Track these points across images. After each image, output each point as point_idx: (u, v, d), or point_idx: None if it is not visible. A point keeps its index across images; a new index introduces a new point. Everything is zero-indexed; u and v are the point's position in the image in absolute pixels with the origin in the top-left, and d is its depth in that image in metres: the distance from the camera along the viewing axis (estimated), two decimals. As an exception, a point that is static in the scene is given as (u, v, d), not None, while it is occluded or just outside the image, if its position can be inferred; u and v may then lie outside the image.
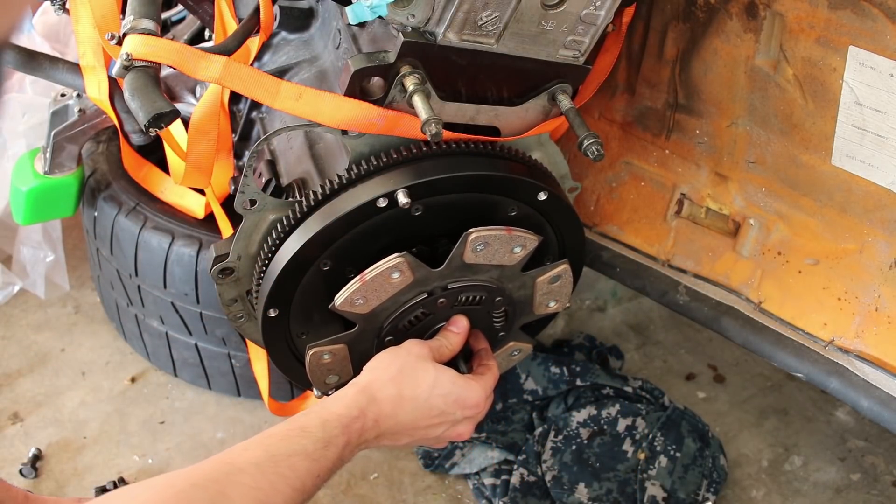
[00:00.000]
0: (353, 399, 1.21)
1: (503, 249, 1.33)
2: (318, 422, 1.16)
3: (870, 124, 1.29)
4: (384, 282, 1.28)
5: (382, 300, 1.31)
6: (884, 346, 1.41)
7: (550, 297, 1.46)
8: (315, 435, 1.13)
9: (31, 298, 2.10)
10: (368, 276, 1.27)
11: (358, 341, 1.36)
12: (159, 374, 1.95)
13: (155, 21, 1.30)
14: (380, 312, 1.33)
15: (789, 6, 1.30)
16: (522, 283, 1.42)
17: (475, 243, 1.29)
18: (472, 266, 1.33)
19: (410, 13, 1.19)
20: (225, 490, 1.01)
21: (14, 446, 1.80)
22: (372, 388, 1.23)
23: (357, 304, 1.30)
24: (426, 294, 1.34)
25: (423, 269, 1.30)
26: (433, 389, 1.26)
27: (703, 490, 1.74)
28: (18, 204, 1.80)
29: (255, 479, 1.04)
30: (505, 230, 1.31)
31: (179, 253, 1.69)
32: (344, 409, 1.19)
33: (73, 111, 1.73)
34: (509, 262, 1.35)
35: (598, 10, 1.25)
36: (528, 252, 1.35)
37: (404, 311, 1.35)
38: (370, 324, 1.35)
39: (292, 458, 1.09)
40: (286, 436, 1.13)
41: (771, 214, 1.51)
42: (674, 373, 2.03)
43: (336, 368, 1.38)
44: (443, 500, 1.75)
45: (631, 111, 1.62)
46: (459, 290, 1.36)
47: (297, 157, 1.43)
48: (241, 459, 1.07)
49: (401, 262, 1.27)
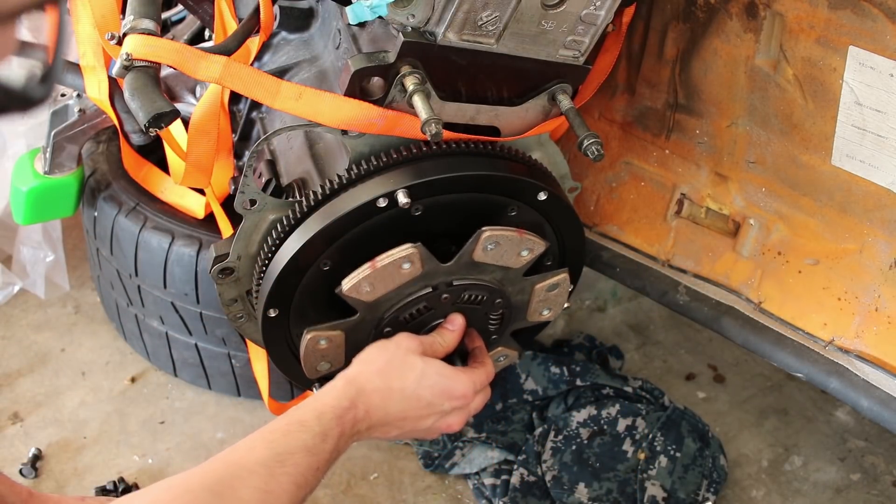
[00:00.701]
0: (343, 390, 1.23)
1: (512, 251, 1.33)
2: (314, 414, 1.17)
3: (870, 124, 1.29)
4: (394, 271, 1.28)
5: (389, 289, 1.31)
6: (884, 346, 1.41)
7: (546, 304, 1.46)
8: (313, 429, 1.15)
9: (31, 298, 2.10)
10: (380, 264, 1.27)
11: (356, 330, 1.37)
12: (159, 374, 1.95)
13: (155, 21, 1.30)
14: (383, 302, 1.34)
15: (789, 6, 1.30)
16: (522, 288, 1.42)
17: (487, 242, 1.30)
18: (479, 265, 1.34)
19: (410, 13, 1.19)
20: (238, 493, 1.04)
21: (14, 446, 1.80)
22: (360, 379, 1.25)
23: (364, 292, 1.30)
24: (431, 288, 1.35)
25: (433, 263, 1.31)
26: (420, 381, 1.28)
27: (703, 490, 1.74)
28: (18, 204, 1.80)
29: (265, 480, 1.06)
30: (517, 232, 1.32)
31: (179, 253, 1.69)
32: (335, 401, 1.21)
33: (73, 111, 1.73)
34: (515, 264, 1.36)
35: (598, 10, 1.25)
36: (534, 256, 1.36)
37: (407, 304, 1.35)
38: (371, 313, 1.35)
39: (295, 454, 1.11)
40: (286, 431, 1.14)
41: (771, 214, 1.51)
42: (674, 373, 2.03)
43: (330, 356, 1.38)
44: (443, 500, 1.75)
45: (631, 111, 1.62)
46: (464, 287, 1.36)
47: (297, 157, 1.43)
48: (248, 460, 1.08)
49: (413, 252, 1.27)
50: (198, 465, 1.09)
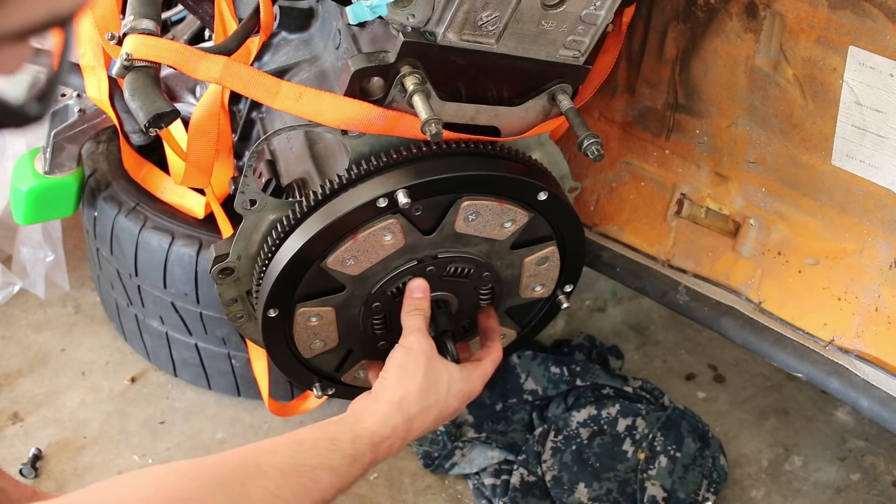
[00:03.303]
0: (387, 416, 1.20)
1: (494, 222, 1.34)
2: (350, 436, 1.14)
3: (870, 124, 1.29)
4: (376, 242, 1.29)
5: (373, 262, 1.32)
6: (884, 346, 1.41)
7: (537, 280, 1.47)
8: (344, 451, 1.12)
9: (31, 298, 2.10)
10: (361, 235, 1.27)
11: (345, 306, 1.37)
12: (159, 374, 1.95)
13: (155, 21, 1.30)
14: (369, 276, 1.34)
15: (789, 6, 1.30)
16: (511, 262, 1.43)
17: (467, 211, 1.30)
18: (462, 237, 1.34)
19: (410, 13, 1.19)
20: (248, 491, 1.00)
21: (14, 446, 1.80)
22: (406, 403, 1.22)
23: (348, 265, 1.30)
24: (416, 262, 1.35)
25: (415, 235, 1.31)
26: (449, 389, 1.27)
27: (703, 490, 1.74)
28: (18, 204, 1.80)
29: (278, 485, 1.02)
30: (497, 202, 1.32)
31: (179, 253, 1.69)
32: (377, 427, 1.17)
33: (73, 111, 1.73)
34: (499, 236, 1.36)
35: (598, 10, 1.25)
36: (518, 227, 1.36)
37: (393, 277, 1.35)
38: (359, 288, 1.35)
39: (317, 469, 1.07)
40: (315, 445, 1.10)
41: (771, 214, 1.51)
42: (674, 373, 2.03)
43: (322, 333, 1.39)
44: (443, 500, 1.75)
45: (631, 111, 1.62)
46: (449, 259, 1.37)
47: (297, 157, 1.43)
48: (267, 462, 1.04)
49: (393, 223, 1.28)
50: (213, 455, 1.06)
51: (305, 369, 1.48)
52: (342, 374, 1.52)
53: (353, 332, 1.42)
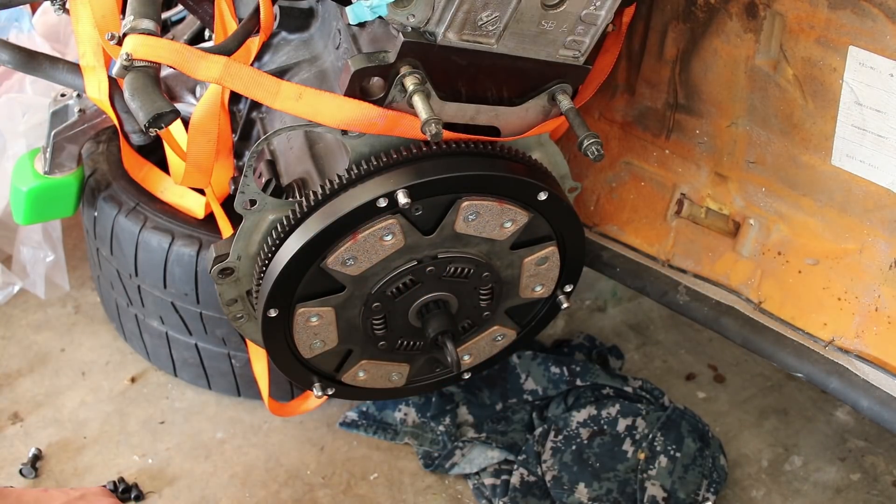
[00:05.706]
0: None
1: (494, 222, 1.34)
2: None
3: (870, 124, 1.29)
4: (376, 242, 1.29)
5: (373, 262, 1.32)
6: (884, 346, 1.41)
7: (537, 280, 1.47)
8: None
9: (31, 298, 2.10)
10: (361, 235, 1.27)
11: (345, 306, 1.37)
12: (159, 374, 1.95)
13: (155, 21, 1.30)
14: (369, 277, 1.35)
15: (789, 6, 1.30)
16: (510, 262, 1.43)
17: (467, 212, 1.31)
18: (462, 237, 1.35)
19: (410, 13, 1.19)
20: None
21: (14, 446, 1.80)
22: None
23: (348, 265, 1.30)
24: (416, 262, 1.35)
25: (415, 235, 1.32)
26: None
27: (703, 490, 1.74)
28: (18, 204, 1.80)
29: None
30: (496, 202, 1.32)
31: (179, 253, 1.69)
32: None
33: (73, 111, 1.73)
34: (499, 236, 1.37)
35: (598, 10, 1.25)
36: (518, 227, 1.37)
37: (393, 277, 1.36)
38: (359, 288, 1.36)
39: None
40: None
41: (771, 214, 1.51)
42: (674, 373, 2.03)
43: (322, 333, 1.39)
44: (443, 500, 1.75)
45: (631, 111, 1.62)
46: (449, 259, 1.37)
47: (297, 157, 1.43)
48: None
49: (393, 223, 1.28)
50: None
51: (305, 369, 1.48)
52: (342, 374, 1.52)
53: (352, 332, 1.42)
